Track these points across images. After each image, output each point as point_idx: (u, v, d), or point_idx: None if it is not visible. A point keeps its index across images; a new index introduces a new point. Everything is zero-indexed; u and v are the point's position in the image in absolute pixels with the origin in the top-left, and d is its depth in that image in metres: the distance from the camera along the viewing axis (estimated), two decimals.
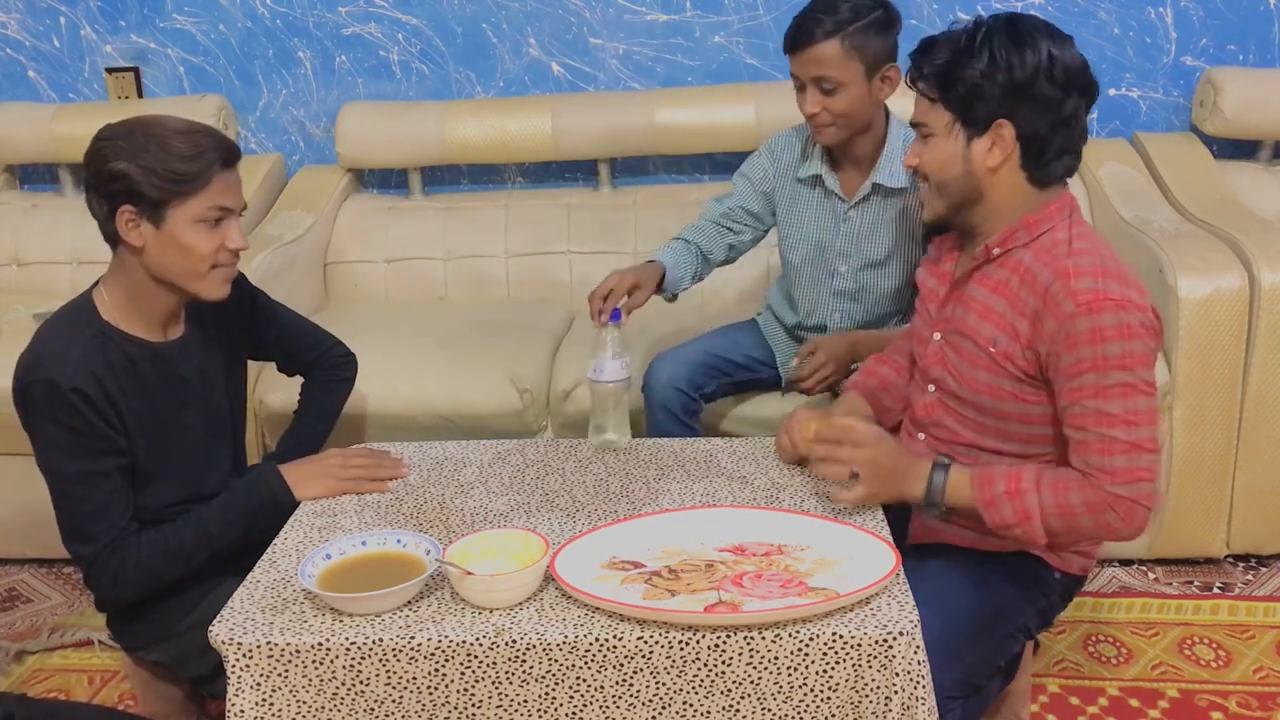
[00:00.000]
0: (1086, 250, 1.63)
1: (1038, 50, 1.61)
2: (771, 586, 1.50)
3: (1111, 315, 1.56)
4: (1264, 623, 2.42)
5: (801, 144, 2.31)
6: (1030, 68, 1.60)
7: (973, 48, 1.63)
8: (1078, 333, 1.57)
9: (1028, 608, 1.79)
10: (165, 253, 1.71)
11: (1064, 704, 2.17)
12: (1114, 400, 1.57)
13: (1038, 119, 1.63)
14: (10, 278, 3.21)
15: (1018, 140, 1.64)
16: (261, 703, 1.47)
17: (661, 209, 3.15)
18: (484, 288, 3.14)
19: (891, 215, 2.24)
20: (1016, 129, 1.63)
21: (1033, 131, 1.63)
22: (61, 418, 1.67)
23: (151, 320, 1.79)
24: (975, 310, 1.73)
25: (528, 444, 2.03)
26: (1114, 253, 1.65)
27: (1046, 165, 1.66)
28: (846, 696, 1.45)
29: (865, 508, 1.72)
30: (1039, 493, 1.62)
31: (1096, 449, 1.58)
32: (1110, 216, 2.86)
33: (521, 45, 3.27)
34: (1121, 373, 1.56)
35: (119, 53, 3.37)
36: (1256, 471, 2.54)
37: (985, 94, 1.63)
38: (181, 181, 1.66)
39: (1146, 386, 1.58)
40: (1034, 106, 1.62)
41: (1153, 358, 1.60)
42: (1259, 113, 2.98)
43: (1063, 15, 3.12)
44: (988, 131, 1.65)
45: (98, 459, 1.70)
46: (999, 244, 1.70)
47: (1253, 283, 2.44)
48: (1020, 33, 1.62)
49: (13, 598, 2.69)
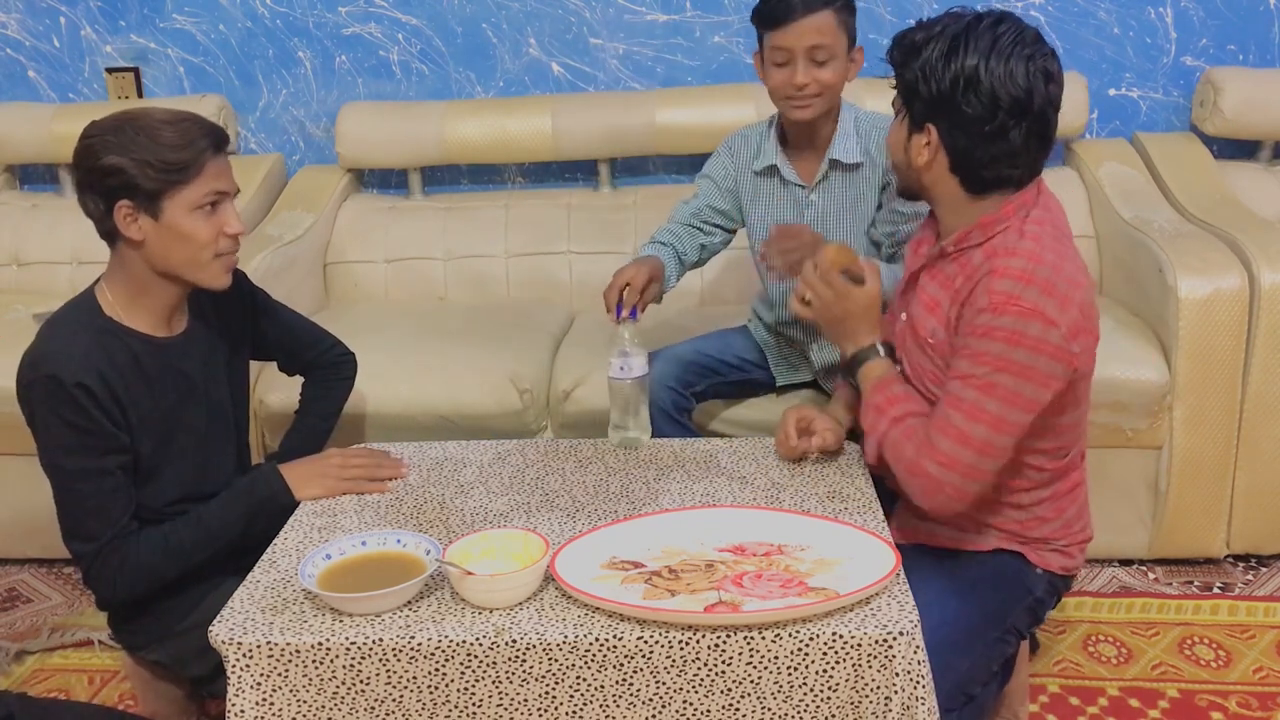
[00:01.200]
0: (1026, 254, 1.62)
1: (964, 66, 1.59)
2: (771, 586, 1.50)
3: (1011, 320, 1.58)
4: (1264, 623, 2.42)
5: (757, 139, 2.31)
6: (949, 82, 1.60)
7: (920, 47, 1.64)
8: (977, 325, 1.62)
9: (1015, 607, 1.79)
10: (166, 244, 1.71)
11: (1064, 704, 2.17)
12: (971, 390, 1.62)
13: (959, 132, 1.64)
14: (10, 278, 3.21)
15: (943, 147, 1.66)
16: (261, 703, 1.47)
17: (661, 209, 3.10)
18: (484, 288, 3.14)
19: (853, 196, 2.24)
20: (940, 137, 1.66)
21: (954, 143, 1.65)
22: (65, 414, 1.67)
23: (154, 315, 1.79)
24: (923, 302, 1.77)
25: (528, 444, 2.03)
26: (1061, 261, 1.63)
27: (978, 175, 1.67)
28: (846, 696, 1.45)
29: (866, 507, 1.73)
30: (892, 426, 1.72)
31: (937, 423, 1.66)
32: (1110, 216, 2.86)
33: (521, 45, 3.27)
34: (992, 372, 1.60)
35: (119, 53, 3.36)
36: (1257, 471, 2.54)
37: (919, 96, 1.65)
38: (175, 170, 1.66)
39: (1011, 396, 1.60)
40: (955, 120, 1.63)
41: (1041, 375, 1.59)
42: (1259, 113, 2.98)
43: (1062, 15, 3.12)
44: (921, 130, 1.68)
45: (101, 456, 1.70)
46: (954, 243, 1.72)
47: (1253, 283, 2.44)
48: (959, 44, 1.60)
49: (13, 598, 2.69)
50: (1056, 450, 1.75)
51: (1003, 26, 1.61)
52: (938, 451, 1.64)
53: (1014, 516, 1.78)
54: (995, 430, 1.61)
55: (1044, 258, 1.61)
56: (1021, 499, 1.77)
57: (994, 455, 1.63)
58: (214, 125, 1.73)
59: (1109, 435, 2.48)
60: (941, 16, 1.66)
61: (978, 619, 1.74)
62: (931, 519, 1.81)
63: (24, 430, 1.73)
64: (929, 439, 1.66)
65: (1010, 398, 1.60)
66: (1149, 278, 2.58)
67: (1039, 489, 1.77)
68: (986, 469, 1.65)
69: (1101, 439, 2.47)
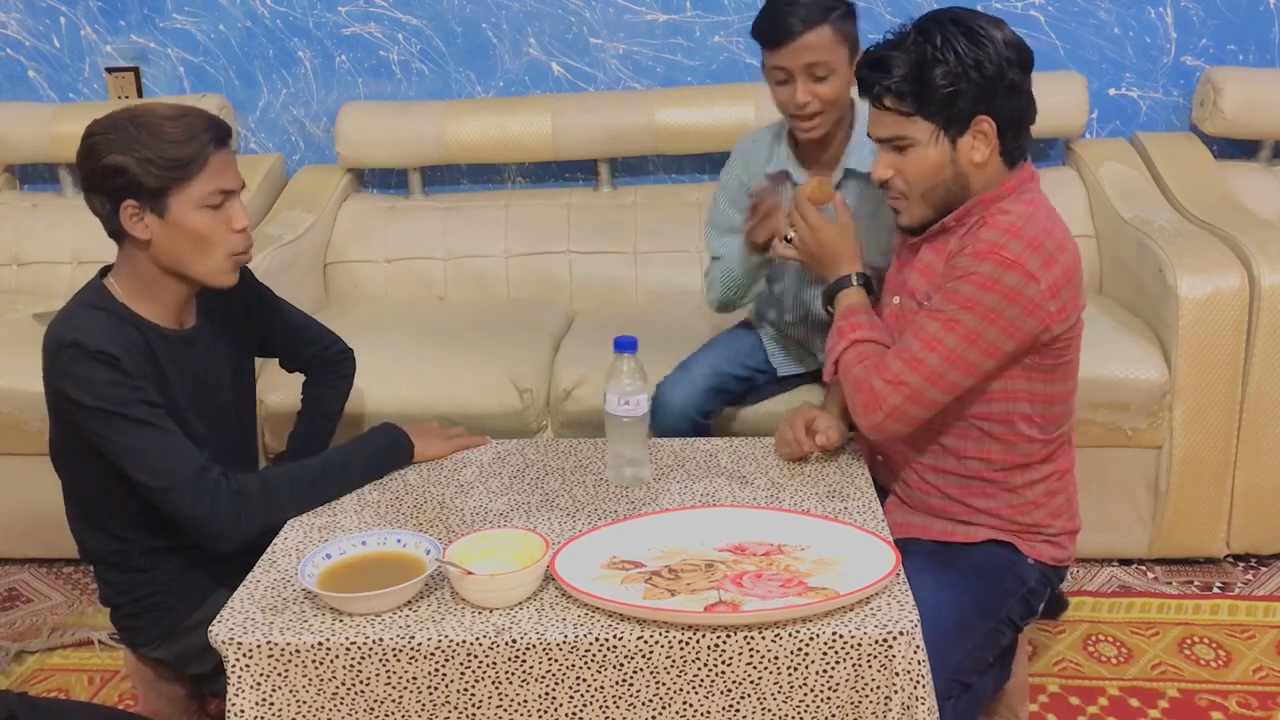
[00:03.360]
0: (1019, 213, 1.69)
1: (994, 40, 1.66)
2: (771, 586, 1.50)
3: (990, 267, 1.64)
4: (1264, 622, 2.42)
5: (769, 142, 2.28)
6: (995, 59, 1.65)
7: (935, 53, 1.66)
8: (957, 267, 1.68)
9: (1008, 599, 1.80)
10: (173, 242, 1.70)
11: (1064, 704, 2.17)
12: (934, 323, 1.68)
13: (1012, 105, 1.69)
14: (10, 278, 3.21)
15: (998, 132, 1.69)
16: (261, 702, 1.47)
17: (661, 209, 3.15)
18: (484, 288, 3.14)
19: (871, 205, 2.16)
20: (996, 120, 1.68)
21: (1009, 117, 1.69)
22: (98, 374, 1.64)
23: (164, 309, 1.78)
24: (918, 269, 1.81)
25: (528, 444, 2.03)
26: (1052, 225, 1.70)
27: (1019, 144, 1.73)
28: (846, 696, 1.45)
29: (866, 507, 1.74)
30: (850, 346, 1.80)
31: (895, 349, 1.73)
32: (1110, 216, 2.86)
33: (521, 45, 3.27)
34: (959, 310, 1.66)
35: (119, 52, 3.36)
36: (1256, 471, 2.54)
37: (962, 95, 1.66)
38: (179, 166, 1.66)
39: (972, 335, 1.66)
40: (1006, 95, 1.68)
41: (1008, 323, 1.65)
42: (1259, 112, 2.98)
43: (1062, 15, 3.12)
44: (969, 129, 1.69)
45: (145, 408, 1.67)
46: (956, 219, 1.75)
47: (1253, 282, 2.44)
48: (971, 29, 1.67)
49: (13, 597, 2.69)
50: (1045, 421, 1.77)
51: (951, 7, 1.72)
52: (887, 370, 1.72)
53: (1005, 500, 1.80)
54: (947, 363, 1.67)
55: (1036, 217, 1.69)
56: (1013, 479, 1.79)
57: (941, 387, 1.69)
58: (216, 119, 1.72)
59: (1109, 435, 2.48)
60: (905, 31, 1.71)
61: (971, 610, 1.74)
62: (923, 511, 1.84)
63: (24, 430, 1.73)
64: (883, 360, 1.74)
65: (970, 337, 1.66)
66: (1149, 277, 2.58)
67: (1029, 469, 1.79)
68: (931, 398, 1.70)
69: (1101, 438, 2.47)
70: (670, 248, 3.08)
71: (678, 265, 3.05)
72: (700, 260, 2.96)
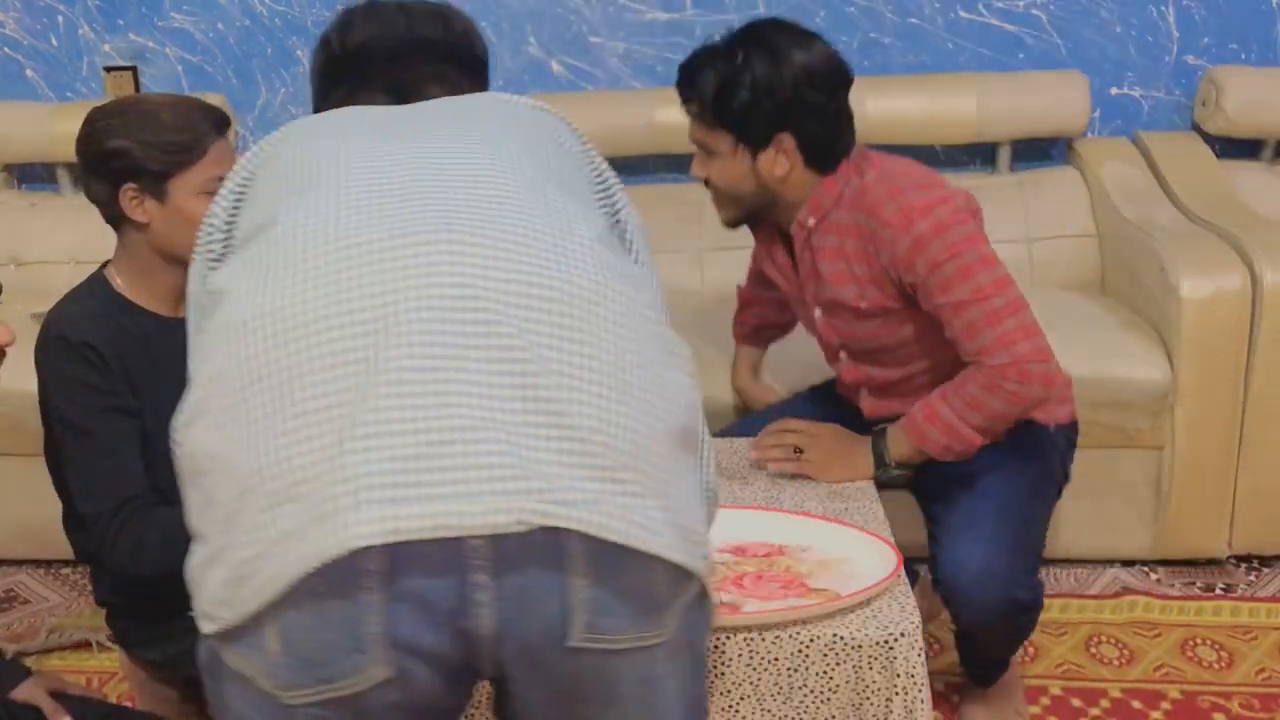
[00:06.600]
0: (880, 179, 1.73)
1: (792, 62, 1.67)
2: (772, 588, 1.49)
3: (923, 220, 1.67)
4: (1267, 624, 2.41)
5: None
6: (791, 82, 1.66)
7: (735, 72, 1.68)
8: (904, 251, 1.68)
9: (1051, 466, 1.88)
10: (171, 227, 1.71)
11: (1066, 706, 2.16)
12: (957, 288, 1.67)
13: (812, 124, 1.70)
14: (8, 277, 3.20)
15: (799, 148, 1.71)
16: None
17: (661, 209, 3.13)
18: None
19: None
20: (796, 138, 1.70)
21: (811, 136, 1.71)
22: (76, 372, 1.66)
23: (162, 296, 1.79)
24: (830, 280, 1.81)
25: None
26: (908, 165, 1.76)
27: (831, 155, 1.75)
28: (847, 698, 1.44)
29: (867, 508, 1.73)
30: (948, 403, 1.72)
31: (966, 337, 1.69)
32: (1112, 216, 2.85)
33: (521, 44, 3.27)
34: (953, 262, 1.67)
35: (117, 51, 3.36)
36: (1259, 472, 2.53)
37: (758, 114, 1.68)
38: (179, 151, 1.67)
39: (982, 261, 1.68)
40: (805, 114, 1.69)
41: (979, 234, 1.70)
42: (1261, 112, 2.97)
43: (1064, 14, 3.11)
44: (769, 145, 1.71)
45: (113, 418, 1.68)
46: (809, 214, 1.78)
47: (1255, 282, 2.43)
48: (773, 47, 1.67)
49: (10, 599, 2.68)
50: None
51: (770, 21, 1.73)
52: (989, 350, 1.67)
53: None
54: (1002, 289, 1.68)
55: (892, 170, 1.75)
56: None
57: (1021, 307, 1.69)
58: (214, 108, 1.74)
59: (1111, 435, 2.47)
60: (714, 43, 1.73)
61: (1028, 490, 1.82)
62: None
63: (24, 430, 1.73)
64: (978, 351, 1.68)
65: (983, 262, 1.68)
66: (1151, 277, 2.57)
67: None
68: (1029, 320, 1.69)
69: (1103, 439, 2.46)
70: (669, 248, 3.05)
71: (677, 265, 3.03)
72: (700, 260, 2.97)
